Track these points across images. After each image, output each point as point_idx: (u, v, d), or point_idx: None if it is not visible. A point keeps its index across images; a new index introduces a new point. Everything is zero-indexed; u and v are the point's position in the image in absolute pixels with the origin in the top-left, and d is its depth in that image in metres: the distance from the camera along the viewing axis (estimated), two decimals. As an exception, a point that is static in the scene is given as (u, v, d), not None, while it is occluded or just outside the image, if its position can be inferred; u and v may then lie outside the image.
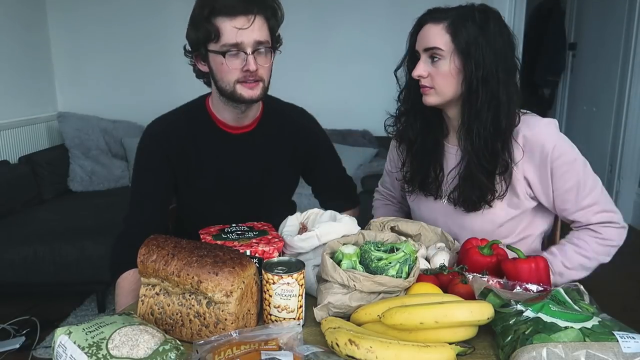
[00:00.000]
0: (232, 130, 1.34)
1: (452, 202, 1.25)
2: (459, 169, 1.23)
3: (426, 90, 1.19)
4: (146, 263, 0.89)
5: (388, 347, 0.76)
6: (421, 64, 1.17)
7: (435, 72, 1.16)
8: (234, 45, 1.16)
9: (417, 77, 1.17)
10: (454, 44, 1.13)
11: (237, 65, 1.18)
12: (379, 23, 3.64)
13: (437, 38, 1.14)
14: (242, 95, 1.22)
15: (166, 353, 0.75)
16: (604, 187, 1.22)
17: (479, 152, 1.16)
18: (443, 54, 1.14)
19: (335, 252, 1.00)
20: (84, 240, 2.48)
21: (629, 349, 0.74)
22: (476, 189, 1.19)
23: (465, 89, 1.14)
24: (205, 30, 1.17)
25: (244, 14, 1.15)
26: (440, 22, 1.14)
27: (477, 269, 1.01)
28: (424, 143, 1.28)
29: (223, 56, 1.17)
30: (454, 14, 1.14)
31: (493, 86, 1.13)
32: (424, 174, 1.30)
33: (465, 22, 1.12)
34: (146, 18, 3.67)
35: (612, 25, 3.88)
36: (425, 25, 1.16)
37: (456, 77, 1.15)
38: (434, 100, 1.19)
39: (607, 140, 3.95)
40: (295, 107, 1.47)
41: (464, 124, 1.19)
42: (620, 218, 1.21)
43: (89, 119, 3.54)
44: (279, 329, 0.83)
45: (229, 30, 1.15)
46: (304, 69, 3.47)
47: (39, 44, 3.64)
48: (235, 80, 1.20)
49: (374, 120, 3.50)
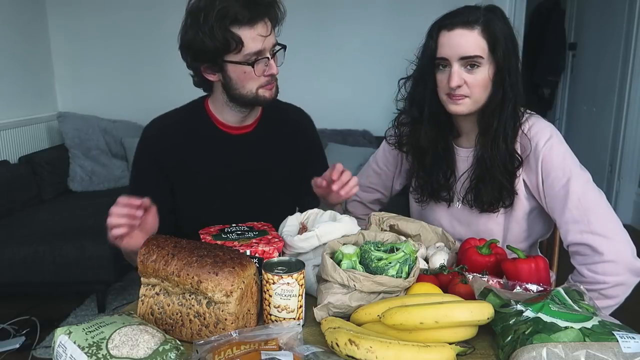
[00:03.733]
0: (232, 131, 1.34)
1: (468, 205, 1.23)
2: (472, 171, 1.22)
3: (460, 99, 1.13)
4: (146, 263, 0.89)
5: (388, 347, 0.76)
6: (456, 73, 1.11)
7: (473, 80, 1.11)
8: (257, 53, 1.17)
9: (455, 87, 1.11)
10: (491, 51, 1.09)
11: (261, 72, 1.20)
12: (379, 23, 3.63)
13: (476, 46, 1.09)
14: (265, 97, 1.24)
15: (166, 353, 0.75)
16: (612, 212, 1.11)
17: (505, 156, 1.14)
18: (482, 62, 1.10)
19: (335, 252, 1.00)
20: (84, 240, 2.48)
21: (629, 349, 0.74)
22: (495, 190, 1.18)
23: (500, 94, 1.12)
24: (225, 41, 1.14)
25: (261, 20, 1.16)
26: (474, 26, 1.09)
27: (476, 269, 1.01)
28: (435, 149, 1.25)
29: (251, 66, 1.17)
30: (481, 17, 1.09)
31: (516, 89, 1.12)
32: (435, 181, 1.27)
33: (495, 25, 1.09)
34: (146, 18, 3.66)
35: (612, 25, 3.88)
36: (455, 31, 1.10)
37: (490, 83, 1.12)
38: (467, 109, 1.15)
39: (607, 140, 3.94)
40: (293, 107, 1.48)
41: (487, 129, 1.15)
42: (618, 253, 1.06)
43: (89, 119, 3.54)
44: (279, 329, 0.83)
45: (251, 39, 1.15)
46: (304, 69, 3.47)
47: (39, 44, 3.64)
48: (258, 86, 1.22)
49: (374, 120, 3.51)
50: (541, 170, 1.14)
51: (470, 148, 1.24)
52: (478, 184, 1.20)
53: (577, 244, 1.11)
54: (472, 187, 1.22)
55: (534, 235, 1.27)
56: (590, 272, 1.08)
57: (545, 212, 1.22)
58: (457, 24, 1.10)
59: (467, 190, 1.23)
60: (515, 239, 1.24)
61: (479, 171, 1.20)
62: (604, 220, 1.10)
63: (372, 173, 1.46)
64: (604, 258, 1.07)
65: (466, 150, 1.25)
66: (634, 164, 3.74)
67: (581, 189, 1.11)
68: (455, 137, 1.27)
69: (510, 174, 1.17)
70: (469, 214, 1.25)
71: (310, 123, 1.49)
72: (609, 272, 1.07)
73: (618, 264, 1.07)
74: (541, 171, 1.14)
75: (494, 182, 1.17)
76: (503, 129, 1.14)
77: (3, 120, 3.20)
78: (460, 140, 1.27)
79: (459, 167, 1.27)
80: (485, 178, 1.18)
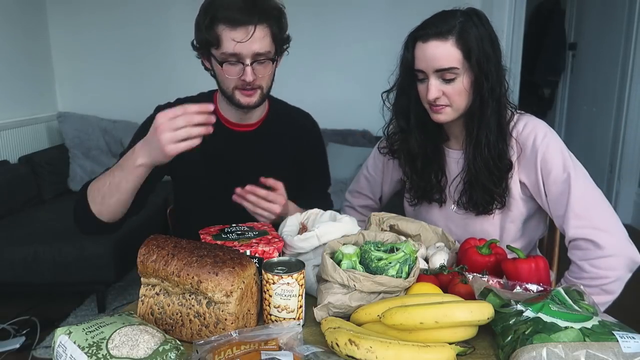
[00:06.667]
0: (235, 128, 1.34)
1: (462, 207, 1.24)
2: (464, 175, 1.22)
3: (440, 109, 1.14)
4: (146, 263, 0.89)
5: (388, 347, 0.76)
6: (433, 85, 1.11)
7: (451, 91, 1.11)
8: (232, 55, 1.17)
9: (433, 99, 1.12)
10: (466, 60, 1.08)
11: (235, 74, 1.19)
12: (379, 24, 3.64)
13: (450, 57, 1.08)
14: (239, 101, 1.24)
15: (166, 353, 0.75)
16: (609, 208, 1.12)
17: (488, 161, 1.14)
18: (458, 72, 1.09)
19: (335, 252, 1.00)
20: (84, 240, 2.48)
21: (629, 349, 0.74)
22: (486, 194, 1.18)
23: (478, 101, 1.12)
24: (207, 37, 1.17)
25: (244, 25, 1.14)
26: (447, 37, 1.08)
27: (475, 269, 1.01)
28: (425, 153, 1.26)
29: (221, 65, 1.18)
30: (455, 26, 1.08)
31: (497, 92, 1.12)
32: (426, 183, 1.28)
33: (469, 33, 1.08)
34: (146, 18, 3.66)
35: (612, 25, 3.88)
36: (429, 43, 1.09)
37: (469, 90, 1.12)
38: (449, 117, 1.15)
39: (607, 141, 3.95)
40: (301, 111, 1.48)
41: (471, 135, 1.16)
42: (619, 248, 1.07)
43: (89, 119, 3.54)
44: (279, 329, 0.82)
45: (228, 41, 1.15)
46: (304, 69, 3.47)
47: (39, 44, 3.64)
48: (233, 86, 1.22)
49: (374, 120, 3.49)
50: (540, 167, 1.14)
51: (460, 150, 1.24)
52: (470, 188, 1.21)
53: (579, 239, 1.10)
54: (465, 190, 1.22)
55: (530, 235, 1.28)
56: (592, 267, 1.08)
57: (541, 211, 1.22)
58: (431, 36, 1.09)
59: (460, 193, 1.23)
60: (512, 239, 1.24)
61: (469, 176, 1.20)
62: (604, 215, 1.11)
63: (362, 179, 1.48)
64: (606, 252, 1.07)
65: (457, 152, 1.26)
66: (634, 164, 3.74)
67: (582, 184, 1.11)
68: (445, 141, 1.27)
69: (498, 178, 1.16)
70: (464, 216, 1.25)
71: (316, 129, 1.49)
72: (611, 266, 1.07)
73: (619, 259, 1.07)
74: (541, 168, 1.14)
75: (483, 187, 1.17)
76: (485, 135, 1.13)
77: (3, 120, 3.20)
78: (450, 143, 1.28)
79: (451, 169, 1.27)
80: (474, 183, 1.19)
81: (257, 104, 1.26)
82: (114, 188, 1.12)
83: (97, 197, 1.15)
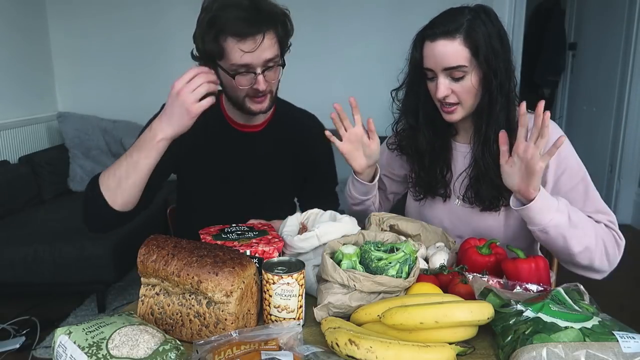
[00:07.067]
0: (241, 128, 1.34)
1: (468, 202, 1.24)
2: (470, 170, 1.22)
3: (452, 109, 1.15)
4: (146, 263, 0.89)
5: (388, 347, 0.76)
6: (442, 84, 1.12)
7: (460, 89, 1.12)
8: (242, 66, 1.15)
9: (442, 97, 1.13)
10: (474, 58, 1.09)
11: (246, 84, 1.18)
12: (380, 24, 3.64)
13: (458, 56, 1.09)
14: (250, 109, 1.23)
15: (166, 353, 0.75)
16: None
17: (497, 157, 1.13)
18: (467, 70, 1.10)
19: (335, 252, 1.00)
20: (84, 240, 2.48)
21: (629, 349, 0.74)
22: (494, 189, 1.18)
23: (487, 97, 1.12)
24: (213, 49, 1.15)
25: (252, 35, 1.12)
26: (455, 36, 1.08)
27: (475, 269, 1.01)
28: (433, 149, 1.26)
29: (232, 77, 1.16)
30: (463, 24, 1.09)
31: (506, 88, 1.12)
32: (431, 178, 1.28)
33: (477, 31, 1.08)
34: (146, 18, 3.67)
35: (612, 25, 3.88)
36: (437, 42, 1.10)
37: (478, 88, 1.13)
38: (460, 116, 1.16)
39: (607, 141, 3.95)
40: (306, 113, 1.48)
41: (479, 131, 1.16)
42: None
43: (89, 119, 3.54)
44: (279, 329, 0.82)
45: (237, 52, 1.13)
46: (305, 69, 3.46)
47: (40, 45, 3.64)
48: (244, 95, 1.21)
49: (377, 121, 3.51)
50: (557, 164, 1.15)
51: (468, 144, 1.25)
52: (477, 183, 1.21)
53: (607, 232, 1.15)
54: (471, 185, 1.22)
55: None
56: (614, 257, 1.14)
57: None
58: (439, 35, 1.09)
59: (467, 188, 1.24)
60: (515, 236, 1.24)
61: (476, 171, 1.21)
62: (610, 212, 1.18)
63: None
64: (622, 244, 1.15)
65: (465, 146, 1.26)
66: (634, 164, 3.74)
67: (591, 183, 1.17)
68: (453, 135, 1.28)
69: None
70: (469, 211, 1.26)
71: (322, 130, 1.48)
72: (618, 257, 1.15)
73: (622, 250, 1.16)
74: (556, 165, 1.15)
75: (491, 182, 1.18)
76: (494, 131, 1.14)
77: (3, 120, 3.20)
78: (458, 137, 1.28)
79: (458, 164, 1.27)
80: (481, 178, 1.20)
81: (267, 109, 1.26)
82: (131, 169, 1.12)
83: (111, 183, 1.14)
